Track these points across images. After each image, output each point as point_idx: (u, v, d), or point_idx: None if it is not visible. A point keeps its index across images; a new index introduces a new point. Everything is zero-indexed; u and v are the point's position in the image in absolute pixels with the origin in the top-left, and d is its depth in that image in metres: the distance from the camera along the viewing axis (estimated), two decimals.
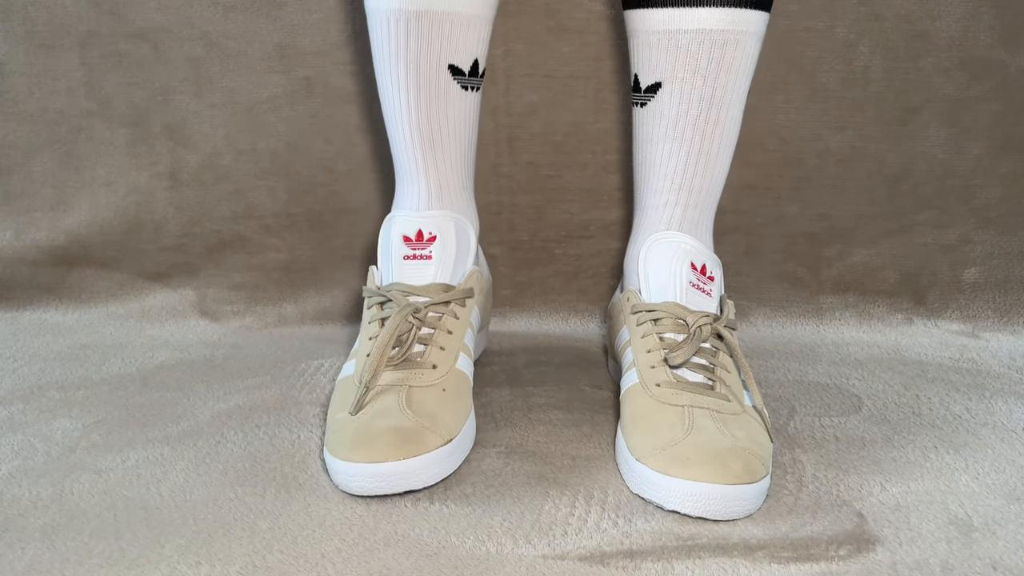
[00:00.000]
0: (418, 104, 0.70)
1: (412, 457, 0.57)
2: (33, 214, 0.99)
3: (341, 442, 0.58)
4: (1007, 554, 0.52)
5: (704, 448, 0.57)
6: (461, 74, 0.69)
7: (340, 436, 0.58)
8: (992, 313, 0.97)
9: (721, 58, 0.67)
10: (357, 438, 0.58)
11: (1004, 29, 0.93)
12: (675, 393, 0.62)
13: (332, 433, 0.60)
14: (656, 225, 0.73)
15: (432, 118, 0.71)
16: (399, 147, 0.73)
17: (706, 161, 0.71)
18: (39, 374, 0.82)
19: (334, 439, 0.59)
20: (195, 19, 0.94)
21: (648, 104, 0.71)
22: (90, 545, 0.53)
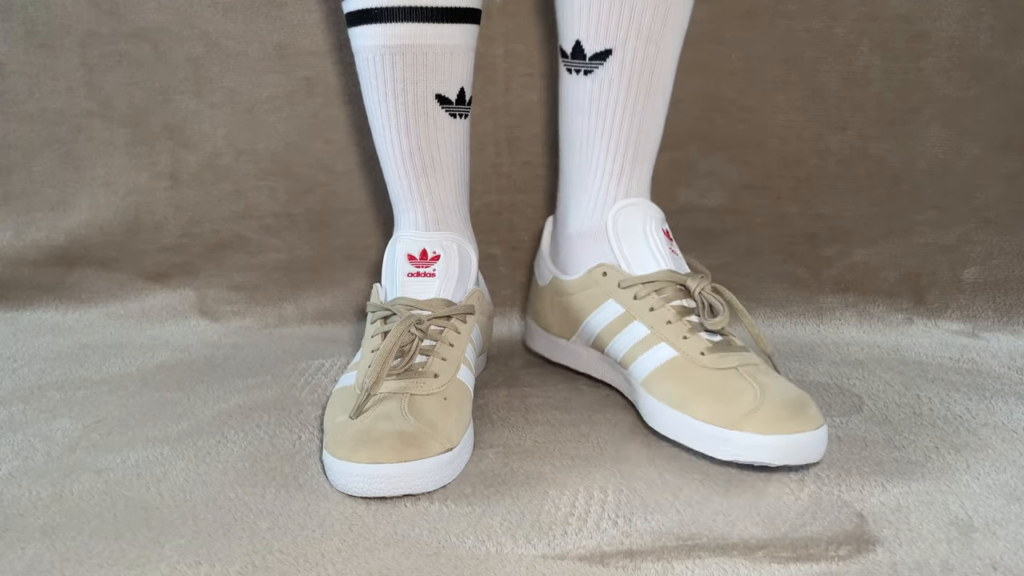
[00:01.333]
0: (408, 134, 0.72)
1: (414, 460, 0.57)
2: (33, 214, 0.99)
3: (341, 443, 0.58)
4: (1008, 554, 0.52)
5: (784, 402, 0.61)
6: (448, 103, 0.71)
7: (340, 437, 0.58)
8: (992, 313, 0.97)
9: (665, 20, 0.68)
10: (359, 439, 0.58)
11: (1004, 29, 0.93)
12: (722, 356, 0.64)
13: (332, 435, 0.60)
14: (613, 195, 0.73)
15: (423, 147, 0.73)
16: (393, 176, 0.74)
17: (651, 122, 0.71)
18: (39, 374, 0.82)
19: (334, 440, 0.59)
20: (195, 19, 0.94)
21: (596, 72, 0.69)
22: (90, 545, 0.53)
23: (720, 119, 0.96)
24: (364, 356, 0.67)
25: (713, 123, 0.96)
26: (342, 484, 0.58)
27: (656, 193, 0.97)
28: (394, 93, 0.71)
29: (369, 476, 0.57)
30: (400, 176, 0.74)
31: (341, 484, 0.58)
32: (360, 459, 0.57)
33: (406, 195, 0.74)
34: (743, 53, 0.94)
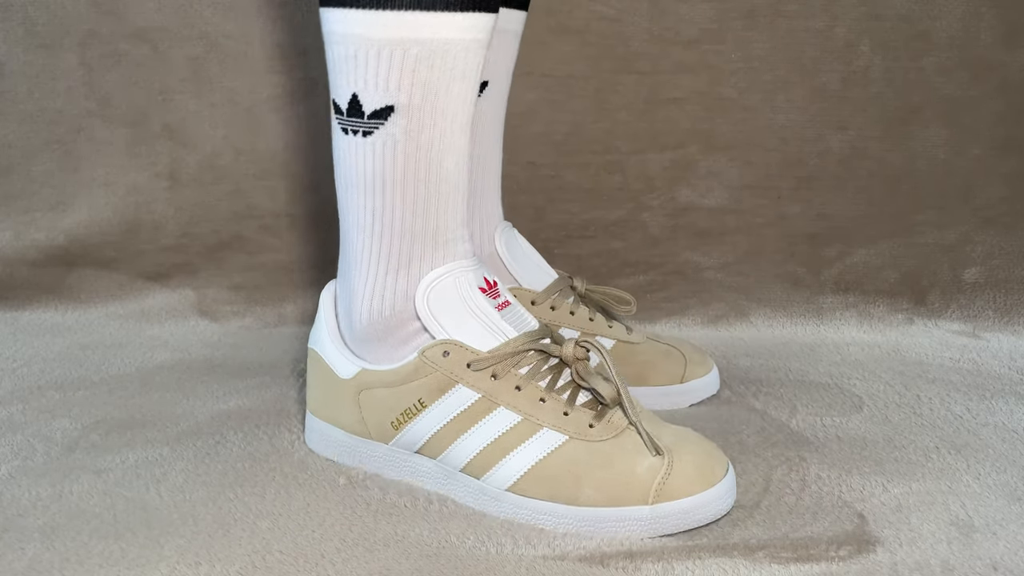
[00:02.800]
0: None
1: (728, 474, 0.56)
2: (33, 214, 0.99)
3: (692, 479, 0.54)
4: (1008, 554, 0.52)
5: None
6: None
7: (684, 478, 0.54)
8: (993, 313, 0.97)
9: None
10: (707, 462, 0.55)
11: (1004, 29, 0.93)
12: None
13: (673, 480, 0.54)
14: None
15: None
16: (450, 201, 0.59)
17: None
18: (39, 374, 0.82)
19: (682, 481, 0.54)
20: (195, 19, 0.94)
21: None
22: (90, 545, 0.53)
23: (720, 119, 0.96)
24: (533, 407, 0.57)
25: (713, 123, 0.96)
26: (716, 512, 0.55)
27: (656, 193, 0.98)
28: None
29: (731, 490, 0.56)
30: (459, 199, 0.59)
31: (712, 514, 0.55)
32: (718, 479, 0.55)
33: (460, 221, 0.60)
34: (743, 53, 0.94)
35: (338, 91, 0.56)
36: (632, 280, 0.98)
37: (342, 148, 0.58)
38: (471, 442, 0.57)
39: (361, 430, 0.62)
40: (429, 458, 0.59)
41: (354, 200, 0.59)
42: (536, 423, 0.56)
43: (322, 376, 0.64)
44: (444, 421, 0.58)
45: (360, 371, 0.61)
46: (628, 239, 0.98)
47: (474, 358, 0.57)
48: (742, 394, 0.78)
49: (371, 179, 0.57)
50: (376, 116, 0.55)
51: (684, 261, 0.98)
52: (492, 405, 0.57)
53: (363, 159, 0.57)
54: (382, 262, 0.59)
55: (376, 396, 0.60)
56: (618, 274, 0.98)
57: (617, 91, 0.95)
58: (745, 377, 0.82)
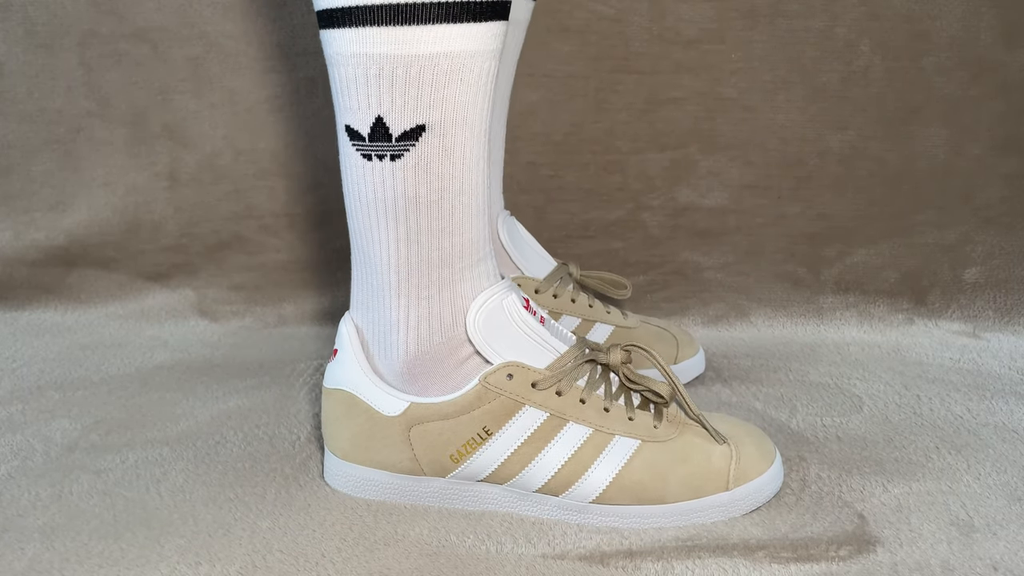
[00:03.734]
0: None
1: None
2: (32, 214, 0.99)
3: (757, 459, 0.58)
4: (1008, 555, 0.52)
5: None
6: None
7: (750, 460, 0.57)
8: (993, 313, 0.97)
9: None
10: (762, 442, 0.59)
11: (1005, 29, 0.93)
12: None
13: (742, 464, 0.57)
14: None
15: None
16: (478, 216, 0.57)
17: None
18: (38, 374, 0.82)
19: (750, 463, 0.57)
20: (195, 19, 0.94)
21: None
22: (90, 545, 0.52)
23: (721, 119, 0.96)
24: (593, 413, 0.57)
25: (714, 123, 0.96)
26: (766, 495, 0.58)
27: (656, 193, 0.98)
28: None
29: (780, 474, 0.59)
30: (485, 213, 0.57)
31: (764, 496, 0.58)
32: (775, 454, 0.59)
33: (487, 236, 0.58)
34: (743, 53, 0.94)
35: (355, 116, 0.53)
36: (632, 280, 0.98)
37: (363, 176, 0.54)
38: (547, 462, 0.56)
39: (413, 468, 0.58)
40: (496, 484, 0.57)
41: (381, 229, 0.55)
42: (608, 433, 0.56)
43: (358, 417, 0.59)
44: (515, 446, 0.56)
45: (410, 406, 0.57)
46: (628, 239, 0.98)
47: (538, 377, 0.56)
48: (742, 394, 0.78)
49: (402, 204, 0.53)
50: (405, 138, 0.52)
51: (684, 261, 0.98)
52: (562, 422, 0.56)
53: (392, 184, 0.53)
54: (421, 289, 0.56)
55: (431, 430, 0.57)
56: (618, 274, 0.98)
57: (617, 91, 0.95)
58: (745, 377, 0.82)
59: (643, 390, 0.58)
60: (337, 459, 0.60)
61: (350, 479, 0.59)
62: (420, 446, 0.57)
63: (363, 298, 0.58)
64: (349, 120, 0.53)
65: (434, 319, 0.56)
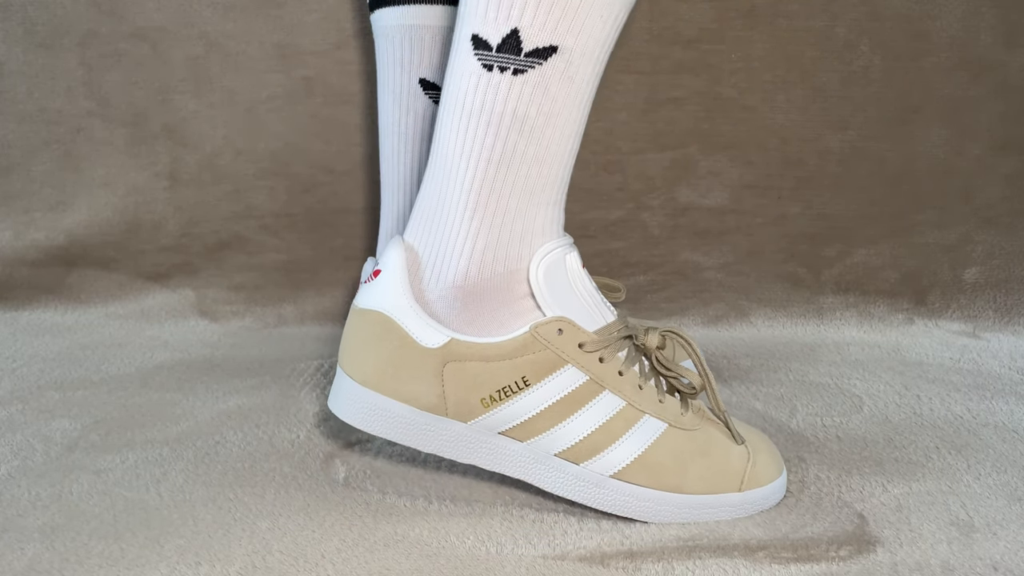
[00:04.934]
0: None
1: None
2: (32, 214, 0.99)
3: (769, 467, 0.58)
4: (1008, 555, 0.52)
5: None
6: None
7: (763, 466, 0.58)
8: (993, 313, 0.97)
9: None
10: (773, 450, 0.59)
11: (1004, 29, 0.93)
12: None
13: (756, 468, 0.57)
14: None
15: None
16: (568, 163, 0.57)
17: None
18: (38, 374, 0.82)
19: (763, 469, 0.57)
20: (195, 19, 0.94)
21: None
22: (89, 545, 0.52)
23: (721, 119, 0.96)
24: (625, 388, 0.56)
25: (714, 123, 0.96)
26: (770, 503, 0.58)
27: (656, 193, 0.98)
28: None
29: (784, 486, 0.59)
30: (572, 161, 0.57)
31: (768, 504, 0.58)
32: (783, 464, 0.59)
33: (566, 185, 0.58)
34: (743, 53, 0.94)
35: (488, 25, 0.52)
36: (632, 280, 0.98)
37: (476, 85, 0.53)
38: (576, 426, 0.55)
39: (437, 406, 0.55)
40: (516, 440, 0.56)
41: (476, 144, 0.53)
42: (639, 410, 0.56)
43: (390, 343, 0.55)
44: (548, 402, 0.55)
45: (450, 340, 0.55)
46: (628, 239, 0.98)
47: (586, 339, 0.55)
48: (742, 394, 0.78)
49: (507, 122, 0.53)
50: (535, 55, 0.52)
51: (684, 261, 0.98)
52: (598, 389, 0.55)
53: (506, 97, 0.52)
54: (497, 216, 0.54)
55: (467, 370, 0.55)
56: (618, 274, 0.98)
57: (617, 91, 0.95)
58: (745, 377, 0.82)
59: (673, 377, 0.58)
60: (354, 384, 0.56)
61: (364, 408, 0.56)
62: (452, 384, 0.55)
63: (429, 216, 0.56)
64: (478, 28, 0.52)
65: (500, 249, 0.55)
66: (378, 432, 0.56)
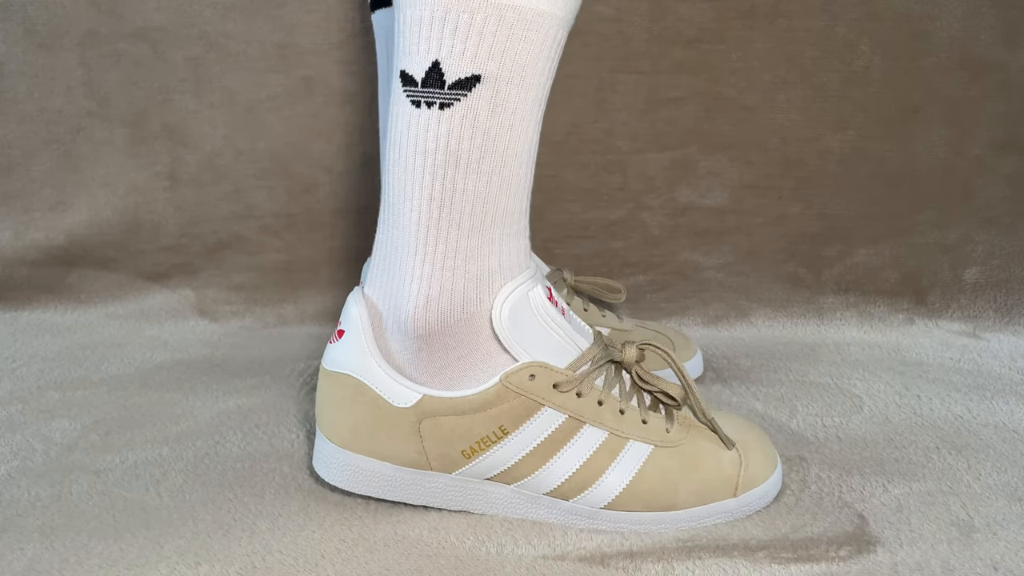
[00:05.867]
0: None
1: None
2: (32, 214, 0.99)
3: (762, 465, 0.58)
4: (1008, 555, 0.52)
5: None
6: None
7: (756, 466, 0.58)
8: (993, 313, 0.97)
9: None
10: (766, 445, 0.59)
11: (1005, 29, 0.93)
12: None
13: (749, 471, 0.57)
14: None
15: None
16: (524, 189, 0.56)
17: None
18: (38, 374, 0.82)
19: (756, 470, 0.57)
20: (195, 19, 0.94)
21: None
22: (89, 546, 0.52)
23: (721, 119, 0.96)
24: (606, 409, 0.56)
25: (714, 123, 0.96)
26: (768, 499, 0.58)
27: (656, 193, 0.98)
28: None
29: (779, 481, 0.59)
30: (526, 187, 0.57)
31: (766, 500, 0.58)
32: (776, 457, 0.60)
33: (524, 211, 0.57)
34: (743, 53, 0.94)
35: (412, 59, 0.51)
36: (632, 280, 0.98)
37: (408, 124, 0.52)
38: (561, 465, 0.55)
39: (419, 461, 0.56)
40: (504, 484, 0.56)
41: (415, 185, 0.52)
42: (623, 437, 0.55)
43: (363, 405, 0.55)
44: (530, 447, 0.55)
45: (422, 398, 0.54)
46: (628, 239, 0.98)
47: (561, 379, 0.54)
48: (742, 394, 0.78)
49: (442, 159, 0.51)
50: (459, 86, 0.50)
51: (684, 261, 0.98)
52: (578, 424, 0.55)
53: (436, 134, 0.51)
54: (448, 258, 0.53)
55: (443, 425, 0.55)
56: (618, 274, 0.98)
57: (617, 91, 0.95)
58: (745, 377, 0.82)
59: (655, 391, 0.57)
60: (333, 447, 0.57)
61: (346, 469, 0.57)
62: (431, 440, 0.55)
63: (384, 265, 0.55)
64: (405, 65, 0.52)
65: (456, 293, 0.54)
66: (364, 491, 0.57)
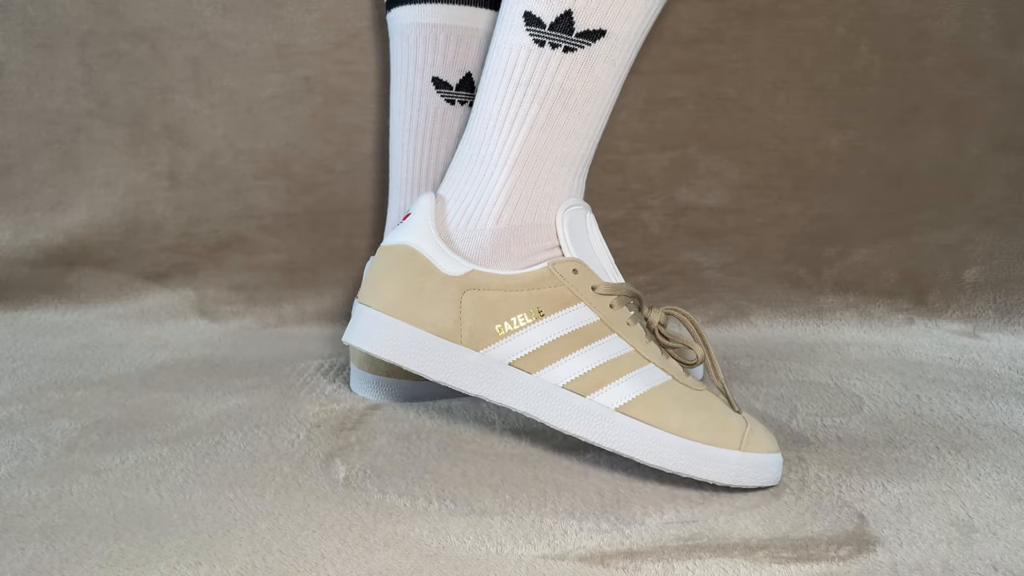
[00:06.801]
0: None
1: None
2: (32, 214, 0.99)
3: (763, 438, 0.59)
4: (1008, 555, 0.52)
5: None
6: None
7: (759, 435, 0.59)
8: (993, 313, 0.97)
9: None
10: (767, 429, 0.60)
11: (1004, 28, 0.93)
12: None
13: (754, 435, 0.58)
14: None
15: None
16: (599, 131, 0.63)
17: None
18: (38, 374, 0.82)
19: (761, 438, 0.59)
20: (194, 19, 0.94)
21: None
22: (89, 546, 0.52)
23: (720, 119, 0.96)
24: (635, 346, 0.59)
25: (713, 123, 0.96)
26: (770, 477, 0.59)
27: (656, 193, 0.98)
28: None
29: (778, 463, 0.59)
30: (598, 139, 0.63)
31: (768, 478, 0.58)
32: (777, 445, 0.60)
33: (590, 159, 0.64)
34: (743, 53, 0.94)
35: (542, 5, 0.57)
36: (632, 280, 0.98)
37: (526, 59, 0.58)
38: (584, 359, 0.58)
39: (452, 332, 0.59)
40: (525, 372, 0.58)
41: (520, 110, 0.59)
42: (644, 358, 0.59)
43: (413, 270, 0.60)
44: (560, 333, 0.58)
45: (471, 271, 0.59)
46: (628, 239, 0.98)
47: (598, 283, 0.59)
48: (742, 394, 0.78)
49: (554, 95, 0.58)
50: (585, 36, 0.57)
51: (684, 261, 0.98)
52: (607, 330, 0.58)
53: (554, 72, 0.58)
54: (533, 173, 0.60)
55: (486, 298, 0.59)
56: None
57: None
58: (745, 377, 0.82)
59: (675, 348, 0.61)
60: (372, 311, 0.60)
61: (379, 332, 0.60)
62: (470, 310, 0.59)
63: (465, 171, 0.62)
64: (532, 7, 0.57)
65: (532, 203, 0.60)
66: (391, 356, 0.59)
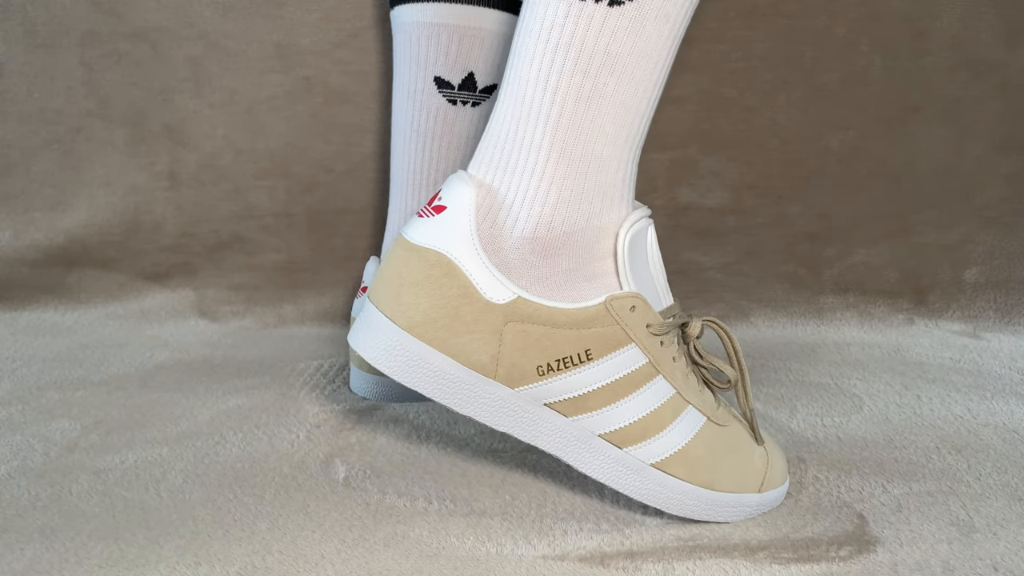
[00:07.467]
0: None
1: None
2: (32, 214, 0.99)
3: (780, 472, 0.58)
4: (1008, 555, 0.52)
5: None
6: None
7: (778, 469, 0.58)
8: (993, 313, 0.97)
9: None
10: (781, 452, 0.59)
11: (1005, 28, 0.93)
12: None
13: (772, 471, 0.57)
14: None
15: None
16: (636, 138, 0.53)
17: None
18: (38, 374, 0.82)
19: (776, 473, 0.57)
20: (195, 19, 0.94)
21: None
22: (89, 546, 0.52)
23: (721, 119, 0.96)
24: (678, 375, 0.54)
25: (714, 123, 0.96)
26: (776, 502, 0.58)
27: (657, 193, 0.98)
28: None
29: None
30: (649, 118, 0.53)
31: (775, 503, 0.58)
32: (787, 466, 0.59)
33: (640, 148, 0.54)
34: (743, 53, 0.94)
35: None
36: None
37: (568, 14, 0.48)
38: (628, 409, 0.52)
39: (487, 367, 0.51)
40: (561, 415, 0.52)
41: (561, 77, 0.49)
42: (685, 400, 0.54)
43: (450, 291, 0.50)
44: (607, 380, 0.52)
45: (517, 299, 0.50)
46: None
47: (654, 321, 0.52)
48: None
49: (600, 57, 0.48)
50: None
51: (684, 261, 0.98)
52: (654, 373, 0.52)
53: (598, 31, 0.48)
54: (582, 162, 0.50)
55: (530, 333, 0.50)
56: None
57: None
58: None
59: (708, 367, 0.56)
60: (396, 328, 0.51)
61: (402, 356, 0.51)
62: (511, 345, 0.50)
63: (502, 152, 0.51)
64: None
65: (585, 200, 0.51)
66: (413, 384, 0.51)
